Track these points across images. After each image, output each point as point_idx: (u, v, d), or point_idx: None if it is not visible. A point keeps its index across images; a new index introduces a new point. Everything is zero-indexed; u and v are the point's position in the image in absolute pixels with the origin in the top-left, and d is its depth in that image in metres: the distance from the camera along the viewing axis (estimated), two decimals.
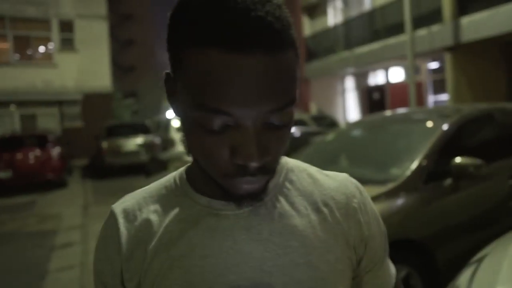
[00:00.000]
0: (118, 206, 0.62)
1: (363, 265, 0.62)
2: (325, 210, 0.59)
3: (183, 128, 0.53)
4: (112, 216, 0.61)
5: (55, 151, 9.87)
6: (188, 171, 0.62)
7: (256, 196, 0.52)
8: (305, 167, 0.65)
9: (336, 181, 0.63)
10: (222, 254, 0.54)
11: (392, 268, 0.68)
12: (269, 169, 0.51)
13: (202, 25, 0.45)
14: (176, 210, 0.58)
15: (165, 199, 0.60)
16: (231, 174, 0.49)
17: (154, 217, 0.59)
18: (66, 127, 15.56)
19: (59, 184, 9.78)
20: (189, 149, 0.54)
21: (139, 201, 0.61)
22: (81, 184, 10.38)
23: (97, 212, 6.78)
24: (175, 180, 0.62)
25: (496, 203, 2.90)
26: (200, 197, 0.58)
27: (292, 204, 0.59)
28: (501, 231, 2.61)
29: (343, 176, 0.65)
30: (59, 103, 15.50)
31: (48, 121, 15.27)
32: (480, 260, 1.55)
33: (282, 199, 0.59)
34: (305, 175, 0.63)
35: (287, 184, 0.61)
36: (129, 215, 0.60)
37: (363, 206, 0.62)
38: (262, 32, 0.44)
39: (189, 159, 0.59)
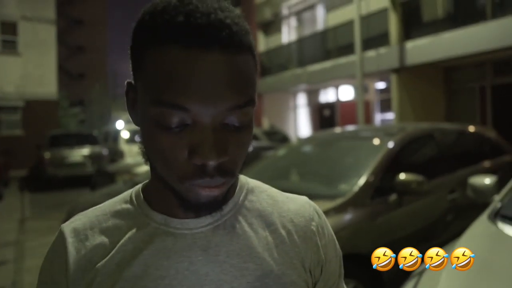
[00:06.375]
0: (68, 226, 0.58)
1: None
2: (283, 232, 0.59)
3: (141, 134, 0.52)
4: (61, 236, 0.57)
5: None
6: (145, 188, 0.60)
7: (215, 205, 0.51)
8: (265, 188, 0.65)
9: (296, 204, 0.63)
10: (178, 276, 0.52)
11: None
12: (228, 171, 0.49)
13: (164, 25, 0.47)
14: (130, 229, 0.56)
15: (120, 217, 0.57)
16: (188, 176, 0.48)
17: (107, 236, 0.55)
18: (4, 135, 14.53)
19: None
20: (147, 156, 0.53)
21: (91, 220, 0.58)
22: (18, 196, 9.67)
23: (34, 227, 6.33)
24: (131, 197, 0.59)
25: (437, 217, 3.05)
26: (156, 214, 0.56)
27: (250, 225, 0.58)
28: (442, 244, 2.75)
29: (303, 199, 0.65)
30: None
31: None
32: (420, 273, 1.62)
33: (241, 219, 0.58)
34: (265, 196, 0.62)
35: (247, 204, 0.60)
36: (80, 234, 0.56)
37: (321, 229, 0.63)
38: (220, 31, 0.46)
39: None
